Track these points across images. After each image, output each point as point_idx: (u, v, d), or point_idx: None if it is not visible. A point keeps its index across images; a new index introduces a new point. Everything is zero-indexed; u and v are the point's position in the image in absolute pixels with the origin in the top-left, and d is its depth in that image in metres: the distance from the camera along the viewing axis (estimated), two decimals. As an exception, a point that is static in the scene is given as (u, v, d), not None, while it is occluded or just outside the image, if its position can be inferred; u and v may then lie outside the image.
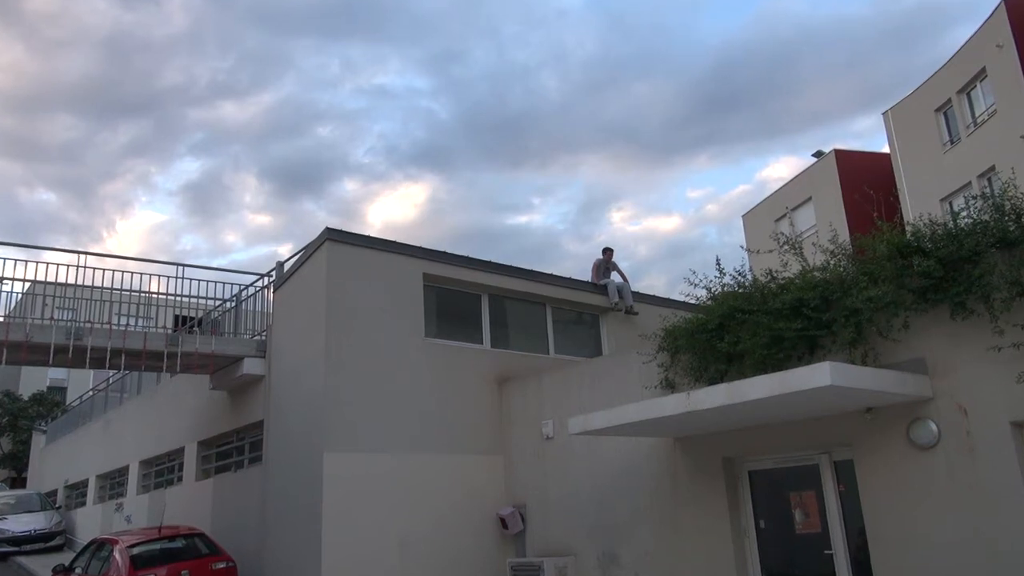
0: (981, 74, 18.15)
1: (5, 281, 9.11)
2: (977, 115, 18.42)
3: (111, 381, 16.98)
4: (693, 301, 7.40)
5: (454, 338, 9.72)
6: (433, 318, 9.71)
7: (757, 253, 7.31)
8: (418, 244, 9.71)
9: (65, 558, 13.00)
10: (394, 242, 9.48)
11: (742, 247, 7.45)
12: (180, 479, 12.41)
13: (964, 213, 5.86)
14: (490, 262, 10.32)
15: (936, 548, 5.50)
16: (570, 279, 11.21)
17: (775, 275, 6.77)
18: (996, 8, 17.50)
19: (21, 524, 16.00)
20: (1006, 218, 5.45)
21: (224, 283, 11.08)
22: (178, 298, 10.46)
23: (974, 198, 5.90)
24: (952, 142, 19.25)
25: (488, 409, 9.44)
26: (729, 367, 6.70)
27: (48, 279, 9.56)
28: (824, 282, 6.23)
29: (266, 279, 10.87)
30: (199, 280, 10.67)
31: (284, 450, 9.20)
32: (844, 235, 7.69)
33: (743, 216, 27.81)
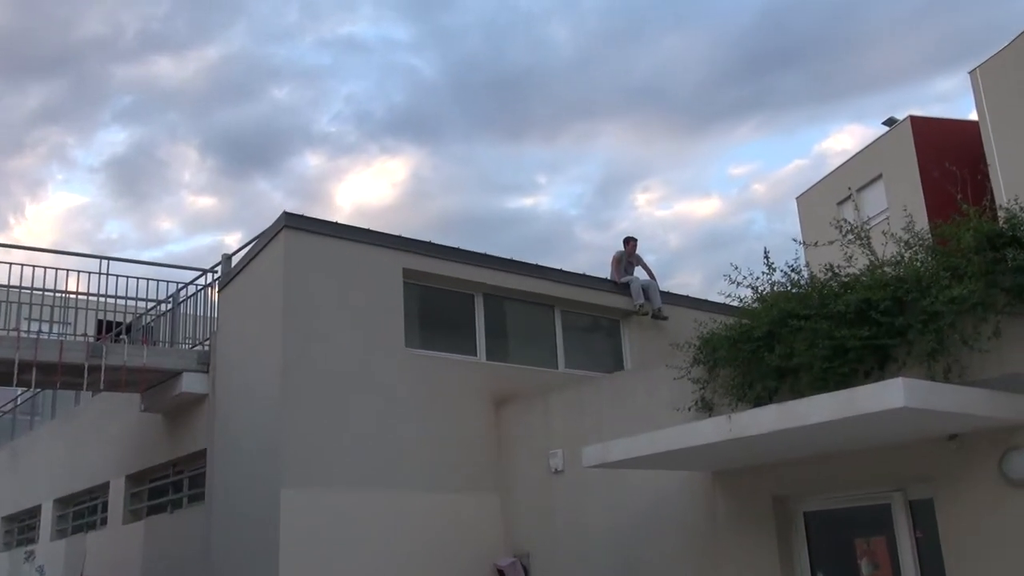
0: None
1: None
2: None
3: (19, 402, 17.01)
4: (736, 303, 7.39)
5: (441, 348, 9.74)
6: (415, 324, 9.73)
7: (815, 246, 7.29)
8: (397, 233, 9.73)
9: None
10: (368, 230, 9.50)
11: (795, 240, 7.43)
12: (104, 521, 12.44)
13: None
14: (486, 255, 10.33)
15: (1035, 608, 5.49)
16: (584, 276, 11.24)
17: (837, 271, 6.77)
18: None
19: None
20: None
21: (158, 281, 11.15)
22: (102, 299, 10.47)
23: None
24: (1056, 106, 19.24)
25: (483, 436, 9.46)
26: (780, 384, 6.70)
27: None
28: (897, 280, 6.22)
29: (210, 276, 10.92)
30: (127, 277, 10.72)
31: (232, 486, 9.21)
32: (922, 221, 7.68)
33: (797, 199, 27.85)
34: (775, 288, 7.08)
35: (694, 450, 6.31)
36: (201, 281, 11.05)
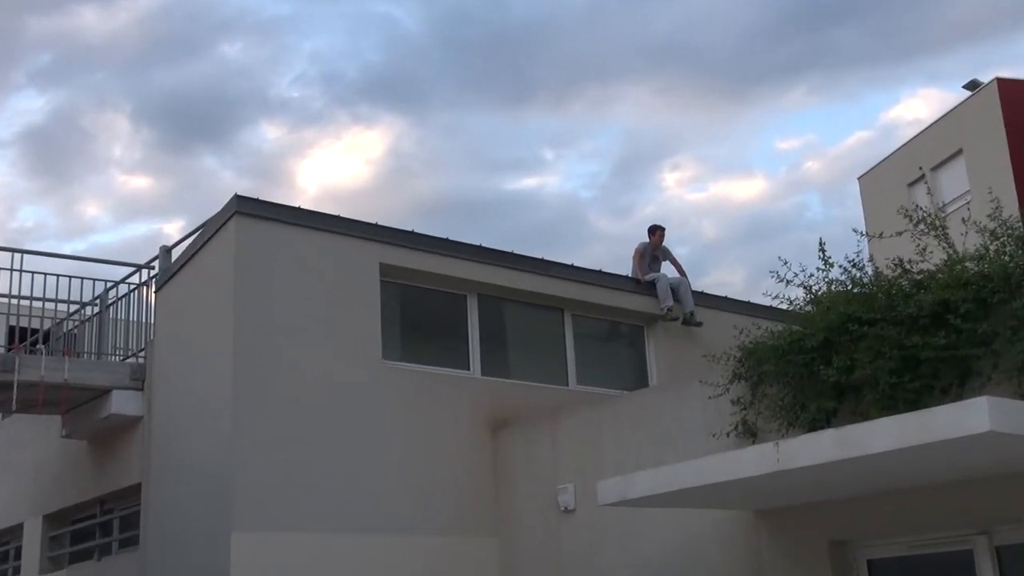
0: None
1: None
2: None
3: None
4: (784, 306, 7.39)
5: (427, 361, 9.77)
6: (395, 331, 9.74)
7: (880, 237, 7.29)
8: (373, 221, 9.75)
9: None
10: (337, 217, 9.53)
11: (855, 230, 7.44)
12: (17, 571, 12.45)
13: None
14: (480, 247, 10.36)
15: None
16: (600, 273, 11.25)
17: (907, 267, 6.77)
18: None
19: None
20: None
21: (83, 278, 11.17)
22: (14, 301, 10.46)
23: None
24: None
25: (477, 468, 9.48)
26: (839, 404, 6.70)
27: None
28: (981, 277, 6.21)
29: (145, 273, 10.94)
30: (45, 274, 10.69)
31: (172, 528, 9.22)
32: (1011, 206, 7.66)
33: (860, 179, 27.90)
34: (832, 288, 7.08)
35: (734, 484, 6.30)
36: (135, 279, 11.09)
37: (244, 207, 9.00)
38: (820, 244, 7.25)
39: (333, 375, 8.95)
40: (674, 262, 12.11)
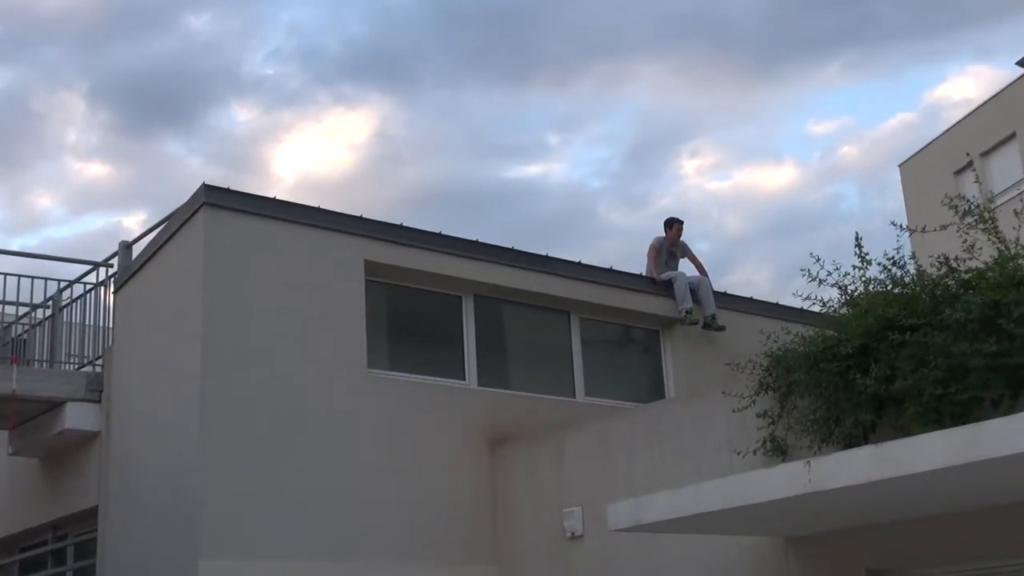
0: None
1: None
2: None
3: None
4: (817, 308, 7.41)
5: (417, 370, 9.81)
6: (382, 337, 9.77)
7: (923, 231, 7.29)
8: (357, 213, 9.78)
9: None
10: (318, 210, 9.56)
11: (895, 224, 7.44)
12: (-40, 605, 12.42)
13: None
14: (477, 243, 10.40)
15: None
16: (611, 271, 11.28)
17: (954, 265, 6.77)
18: None
19: None
20: None
21: (33, 277, 11.16)
22: (-44, 303, 10.49)
23: None
24: None
25: (474, 489, 9.50)
26: (878, 418, 6.71)
27: None
28: (1036, 276, 6.22)
29: (103, 272, 10.94)
30: (-9, 273, 10.68)
31: (133, 555, 9.22)
32: (1069, 197, 7.67)
33: (901, 166, 27.91)
34: (870, 288, 7.08)
35: (761, 508, 6.30)
36: (91, 279, 11.09)
37: (213, 198, 9.00)
38: (857, 239, 7.24)
39: (313, 386, 8.96)
40: (693, 259, 12.11)
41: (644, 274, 11.64)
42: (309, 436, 8.82)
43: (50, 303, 11.27)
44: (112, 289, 10.59)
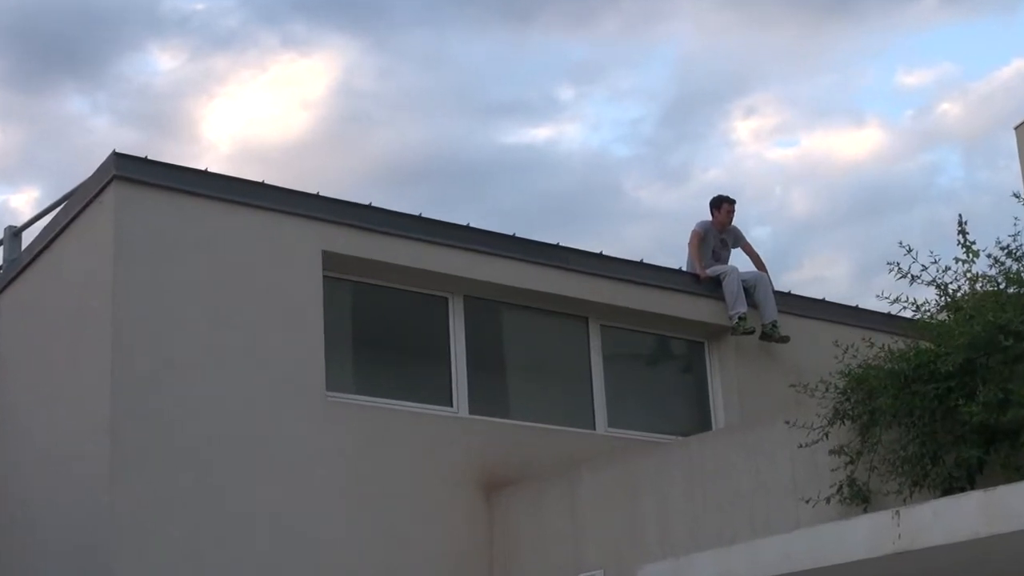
0: None
1: None
2: None
3: None
4: (909, 314, 7.40)
5: (391, 393, 9.81)
6: (347, 350, 9.81)
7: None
8: (313, 191, 9.80)
9: None
10: (262, 185, 9.57)
11: (1017, 197, 7.44)
12: None
13: None
14: (468, 228, 10.42)
15: None
16: (641, 265, 11.29)
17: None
18: None
19: None
20: None
21: None
22: None
23: None
24: None
25: (464, 544, 9.52)
26: (987, 455, 6.68)
27: None
28: None
29: (-16, 265, 10.90)
30: None
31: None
32: None
33: (1017, 129, 27.77)
34: (978, 287, 7.08)
35: (837, 571, 6.31)
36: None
37: (126, 170, 8.98)
38: (960, 223, 7.24)
39: (256, 414, 8.92)
40: (749, 250, 12.10)
41: (685, 269, 11.63)
42: (251, 477, 8.79)
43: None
44: (-5, 288, 10.61)
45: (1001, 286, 6.99)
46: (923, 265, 7.23)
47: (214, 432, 8.77)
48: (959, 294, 7.14)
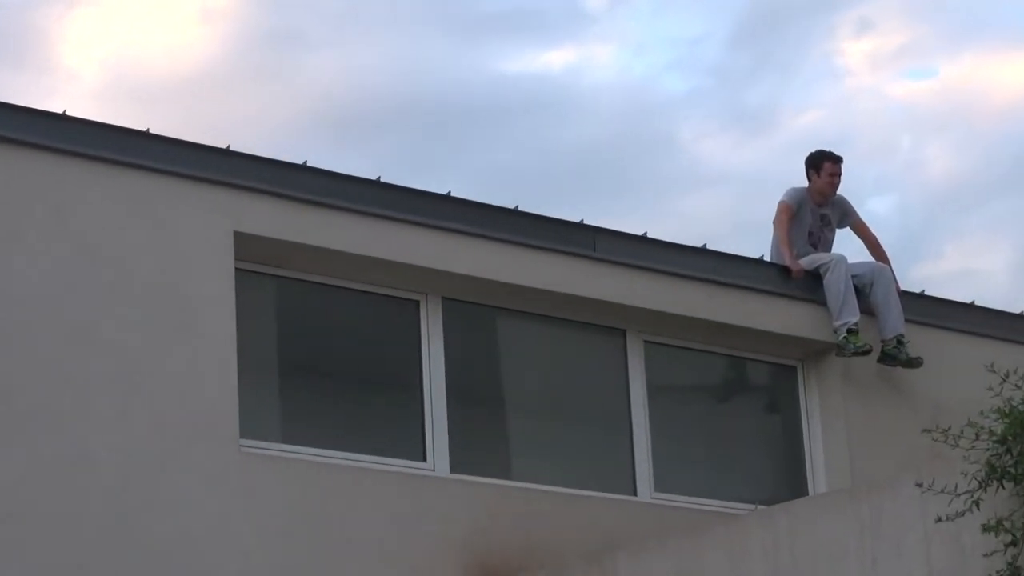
0: None
1: None
2: None
3: None
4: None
5: (332, 443, 9.89)
6: (270, 378, 10.02)
7: None
8: (222, 145, 9.95)
9: None
10: (145, 134, 9.72)
11: None
12: None
13: None
14: (449, 199, 10.63)
15: None
16: (704, 252, 11.48)
17: None
18: None
19: None
20: None
21: None
22: None
23: None
24: None
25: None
26: None
27: None
28: None
29: None
30: None
31: None
32: None
33: None
34: None
35: None
36: None
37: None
38: None
39: (141, 471, 8.97)
40: (863, 231, 12.25)
41: (769, 259, 11.76)
42: (132, 562, 8.81)
43: None
44: None
45: None
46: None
47: (84, 490, 8.79)
48: None
